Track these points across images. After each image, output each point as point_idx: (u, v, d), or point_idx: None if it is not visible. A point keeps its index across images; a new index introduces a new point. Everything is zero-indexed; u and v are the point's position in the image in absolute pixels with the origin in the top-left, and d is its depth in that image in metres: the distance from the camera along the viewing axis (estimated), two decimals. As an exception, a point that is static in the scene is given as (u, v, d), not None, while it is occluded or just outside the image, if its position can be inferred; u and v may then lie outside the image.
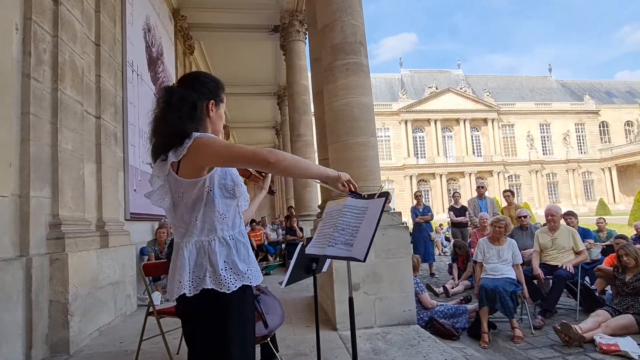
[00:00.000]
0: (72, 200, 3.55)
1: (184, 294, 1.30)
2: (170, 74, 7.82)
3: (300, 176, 1.37)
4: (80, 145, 3.74)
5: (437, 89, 43.24)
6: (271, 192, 1.68)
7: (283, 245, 8.91)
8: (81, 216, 3.70)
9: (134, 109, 5.52)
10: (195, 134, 1.33)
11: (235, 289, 1.30)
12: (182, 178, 1.33)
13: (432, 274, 7.43)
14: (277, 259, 9.01)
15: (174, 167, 1.35)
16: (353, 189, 1.51)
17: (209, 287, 1.28)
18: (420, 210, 7.72)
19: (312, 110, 5.70)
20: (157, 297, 4.71)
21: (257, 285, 1.45)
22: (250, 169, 1.61)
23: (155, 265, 3.17)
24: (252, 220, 9.53)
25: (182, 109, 1.36)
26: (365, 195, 1.65)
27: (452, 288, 5.82)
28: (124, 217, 5.01)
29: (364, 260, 1.66)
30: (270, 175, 1.70)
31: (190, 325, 1.35)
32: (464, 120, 42.73)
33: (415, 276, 4.27)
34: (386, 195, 1.81)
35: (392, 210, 3.92)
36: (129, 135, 5.26)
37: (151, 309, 2.85)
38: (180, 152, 1.31)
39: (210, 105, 1.43)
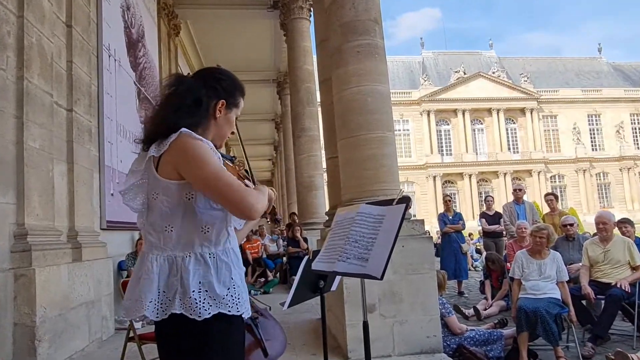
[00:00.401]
0: (40, 207, 3.59)
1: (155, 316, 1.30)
2: (153, 59, 7.88)
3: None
4: (50, 143, 3.78)
5: (465, 73, 43.08)
6: (275, 220, 1.64)
7: (284, 259, 8.92)
8: (50, 225, 3.74)
9: (111, 99, 5.58)
10: (184, 130, 1.33)
11: (208, 316, 1.28)
12: (160, 177, 1.34)
13: (460, 293, 7.39)
14: (278, 274, 9.02)
15: (154, 162, 1.36)
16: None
17: (178, 312, 1.27)
18: (450, 217, 7.67)
19: (319, 100, 5.70)
20: (138, 319, 4.74)
21: (254, 306, 1.44)
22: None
23: (136, 283, 3.18)
24: (249, 229, 9.53)
25: (184, 101, 1.39)
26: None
27: (485, 310, 5.79)
28: (99, 225, 5.05)
29: (381, 278, 1.66)
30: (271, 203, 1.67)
31: (164, 354, 1.36)
32: (498, 111, 42.50)
33: (441, 296, 4.24)
34: (406, 201, 1.80)
35: (413, 218, 3.90)
36: (106, 130, 5.32)
37: (132, 334, 2.86)
38: (162, 147, 1.32)
39: (220, 105, 1.45)
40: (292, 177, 12.47)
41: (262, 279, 8.50)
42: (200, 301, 1.28)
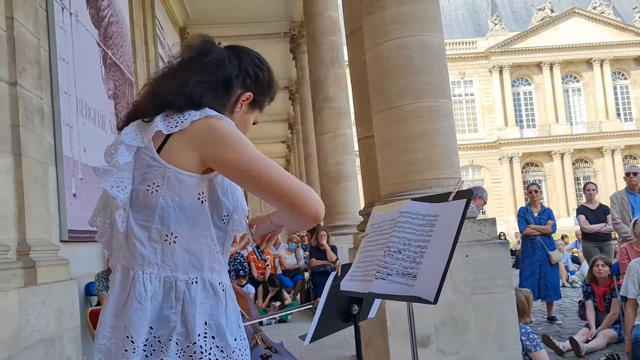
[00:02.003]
0: (-19, 214, 3.70)
1: None
2: (121, 11, 7.99)
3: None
4: (-11, 129, 3.89)
5: (553, 11, 42.16)
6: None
7: (307, 275, 8.98)
8: (-5, 238, 3.85)
9: (67, 68, 5.68)
10: (209, 112, 1.33)
11: None
12: (166, 162, 1.30)
13: (551, 319, 7.34)
14: (298, 296, 9.08)
15: (156, 141, 1.33)
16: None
17: None
18: (536, 215, 7.56)
19: (346, 59, 5.69)
20: None
21: (267, 341, 1.46)
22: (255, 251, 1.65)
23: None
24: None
25: (213, 75, 1.40)
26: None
27: (587, 342, 5.71)
28: (59, 237, 5.18)
29: (435, 302, 1.66)
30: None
31: None
32: (602, 62, 41.47)
33: (525, 323, 4.21)
34: (469, 195, 1.79)
35: (481, 216, 3.87)
36: (62, 109, 5.42)
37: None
38: (177, 122, 1.30)
39: (244, 98, 1.47)
40: (313, 165, 12.50)
41: (277, 303, 8.59)
42: (206, 352, 1.25)
